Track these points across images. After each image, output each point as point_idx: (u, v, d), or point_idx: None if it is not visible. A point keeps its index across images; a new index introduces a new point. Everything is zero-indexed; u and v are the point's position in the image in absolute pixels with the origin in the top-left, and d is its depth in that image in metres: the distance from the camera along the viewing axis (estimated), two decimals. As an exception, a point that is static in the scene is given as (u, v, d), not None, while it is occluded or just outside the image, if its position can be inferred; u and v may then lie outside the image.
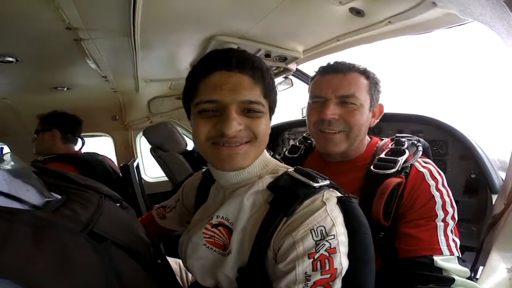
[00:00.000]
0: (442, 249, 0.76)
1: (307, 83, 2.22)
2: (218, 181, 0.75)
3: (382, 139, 1.02)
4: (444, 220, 0.79)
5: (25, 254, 0.43)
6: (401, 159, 0.86)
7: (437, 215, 0.80)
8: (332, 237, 0.55)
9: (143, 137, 2.68)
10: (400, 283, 0.79)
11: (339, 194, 0.64)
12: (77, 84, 2.07)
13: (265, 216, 0.63)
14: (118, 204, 0.80)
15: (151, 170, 3.08)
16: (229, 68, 0.63)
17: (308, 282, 0.54)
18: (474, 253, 0.98)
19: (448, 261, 0.75)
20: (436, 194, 0.81)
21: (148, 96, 2.76)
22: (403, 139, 0.96)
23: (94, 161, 1.82)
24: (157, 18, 1.17)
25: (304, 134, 1.22)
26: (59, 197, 0.63)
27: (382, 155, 0.92)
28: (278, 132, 2.21)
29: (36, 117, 1.79)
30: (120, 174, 2.03)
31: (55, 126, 1.77)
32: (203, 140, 0.64)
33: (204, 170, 0.91)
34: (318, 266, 0.54)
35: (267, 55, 1.61)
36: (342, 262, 0.56)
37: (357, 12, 1.11)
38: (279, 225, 0.60)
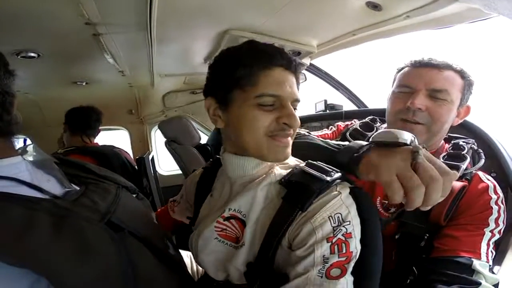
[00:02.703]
0: (482, 255, 0.77)
1: (321, 78, 2.21)
2: (228, 173, 0.75)
3: None
4: (492, 231, 0.80)
5: (45, 243, 0.44)
6: (463, 166, 0.86)
7: (488, 225, 0.80)
8: (348, 223, 0.59)
9: (157, 131, 2.72)
10: (421, 281, 0.80)
11: (350, 185, 0.66)
12: (95, 79, 2.12)
13: (278, 210, 0.64)
14: (134, 195, 0.82)
15: (165, 164, 3.14)
16: (289, 67, 0.67)
17: (326, 265, 0.56)
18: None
19: (484, 267, 0.75)
20: (495, 207, 0.82)
21: (163, 91, 2.79)
22: (461, 143, 0.95)
23: (111, 154, 1.89)
24: (172, 12, 1.18)
25: (368, 121, 1.17)
26: (78, 188, 0.65)
27: (441, 159, 0.91)
28: None
29: None
30: (136, 166, 2.08)
31: (65, 122, 1.90)
32: (262, 132, 0.66)
33: (205, 165, 0.92)
34: (336, 250, 0.57)
35: (281, 50, 1.60)
36: (356, 246, 0.59)
37: (374, 6, 1.09)
38: (295, 219, 0.61)
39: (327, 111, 2.00)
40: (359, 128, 1.11)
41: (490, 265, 0.77)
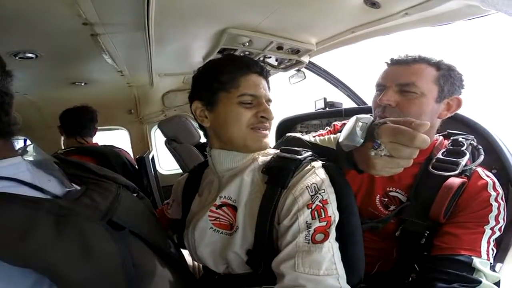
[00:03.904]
0: (482, 253, 0.77)
1: (320, 76, 2.21)
2: (217, 168, 0.83)
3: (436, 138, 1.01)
4: (492, 229, 0.80)
5: (47, 242, 0.44)
6: (463, 162, 0.86)
7: (488, 222, 0.81)
8: (323, 191, 0.69)
9: (157, 130, 2.72)
10: (421, 279, 0.80)
11: (322, 162, 0.77)
12: (94, 79, 2.11)
13: (264, 194, 0.73)
14: (135, 194, 0.82)
15: (165, 163, 3.14)
16: (261, 73, 0.82)
17: (309, 230, 0.65)
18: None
19: (485, 265, 0.75)
20: (494, 204, 0.82)
21: (162, 90, 2.79)
22: (461, 139, 0.96)
23: (111, 153, 1.89)
24: (170, 11, 1.18)
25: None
26: (79, 187, 0.65)
27: (440, 155, 0.92)
28: (291, 124, 2.18)
29: None
30: (136, 166, 2.08)
31: (60, 125, 1.91)
32: (245, 125, 0.78)
33: (191, 169, 1.01)
34: (316, 215, 0.66)
35: (279, 48, 1.60)
36: (334, 211, 0.68)
37: (372, 3, 1.08)
38: (280, 198, 0.71)
39: (327, 109, 2.01)
40: None
41: (491, 263, 0.77)
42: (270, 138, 0.84)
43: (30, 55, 1.42)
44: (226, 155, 0.82)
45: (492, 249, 0.79)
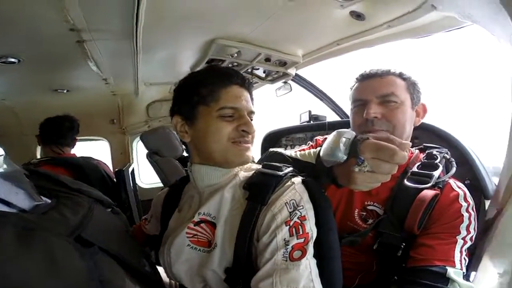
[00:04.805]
0: (456, 262, 0.79)
1: (306, 89, 2.25)
2: (198, 183, 0.82)
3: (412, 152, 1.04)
4: (464, 239, 0.82)
5: (10, 257, 0.43)
6: (436, 174, 0.89)
7: (460, 233, 0.83)
8: (302, 207, 0.68)
9: (139, 142, 2.66)
10: None
11: (302, 178, 0.76)
12: (77, 87, 2.07)
13: (244, 211, 0.72)
14: (109, 210, 0.81)
15: (146, 176, 3.06)
16: (243, 85, 0.80)
17: (287, 247, 0.64)
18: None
19: (458, 275, 0.77)
20: (465, 215, 0.85)
21: (147, 100, 2.76)
22: (435, 152, 0.99)
23: (87, 165, 1.82)
24: (159, 20, 1.18)
25: None
26: (49, 200, 0.63)
27: (415, 169, 0.94)
28: (276, 137, 2.21)
29: None
30: (115, 179, 2.02)
31: (39, 131, 1.85)
32: (225, 139, 0.76)
33: (172, 184, 0.98)
34: (294, 232, 0.65)
35: (267, 60, 1.63)
36: (311, 228, 0.68)
37: (357, 15, 1.13)
38: (260, 215, 0.70)
39: (311, 121, 2.03)
40: None
41: (464, 272, 0.79)
42: (254, 151, 0.84)
43: (12, 59, 1.38)
44: (207, 171, 0.80)
45: (465, 258, 0.81)
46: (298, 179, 0.74)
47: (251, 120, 0.79)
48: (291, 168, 0.78)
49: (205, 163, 0.80)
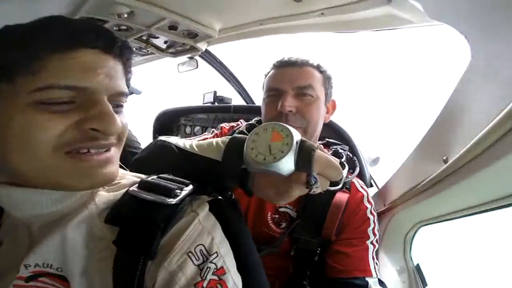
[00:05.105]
0: (372, 271, 0.81)
1: (216, 68, 1.98)
2: (20, 214, 0.47)
3: None
4: (372, 243, 0.85)
5: None
6: (344, 174, 0.81)
7: (368, 237, 0.85)
8: (216, 255, 0.44)
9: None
10: None
11: (208, 198, 0.51)
12: None
13: (115, 261, 0.43)
14: None
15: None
16: (109, 49, 0.45)
17: None
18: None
19: (376, 284, 0.81)
20: (371, 217, 0.87)
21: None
22: (340, 150, 0.96)
23: None
24: None
25: (255, 123, 1.09)
26: None
27: None
28: (173, 117, 1.92)
29: None
30: None
31: None
32: (50, 147, 0.40)
33: None
34: None
35: (172, 27, 1.25)
36: (235, 280, 0.44)
37: (296, -5, 0.92)
38: (145, 271, 0.42)
39: (216, 103, 1.90)
40: (245, 131, 1.02)
41: (378, 278, 0.83)
42: (143, 137, 0.52)
43: None
44: (25, 198, 0.45)
45: (376, 263, 0.84)
46: (202, 207, 0.48)
47: (120, 106, 0.48)
48: (191, 186, 0.49)
49: (17, 184, 0.45)
